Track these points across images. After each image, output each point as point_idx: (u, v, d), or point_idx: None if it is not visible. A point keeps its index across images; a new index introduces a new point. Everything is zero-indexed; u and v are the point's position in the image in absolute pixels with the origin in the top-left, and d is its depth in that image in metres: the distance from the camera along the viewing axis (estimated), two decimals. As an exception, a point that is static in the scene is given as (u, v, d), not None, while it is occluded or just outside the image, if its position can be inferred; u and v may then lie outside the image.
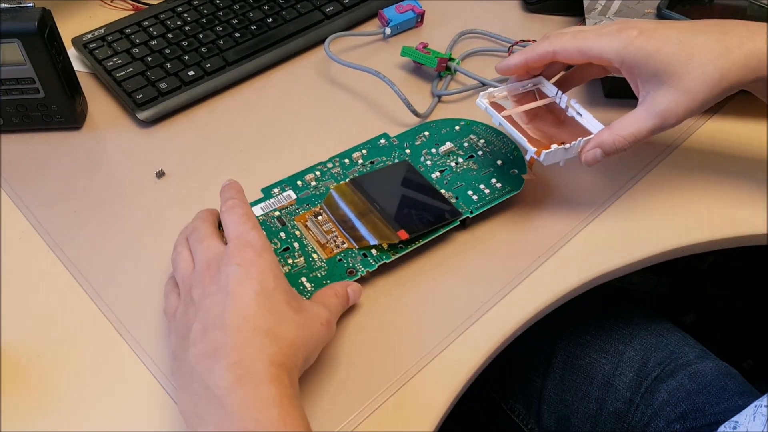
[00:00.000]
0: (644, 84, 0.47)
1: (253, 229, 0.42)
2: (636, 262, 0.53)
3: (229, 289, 0.39)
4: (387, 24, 0.69)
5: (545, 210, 0.55)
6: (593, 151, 0.48)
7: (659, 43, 0.45)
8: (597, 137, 0.48)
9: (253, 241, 0.41)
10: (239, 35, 0.66)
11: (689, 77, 0.45)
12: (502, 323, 0.49)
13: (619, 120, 0.48)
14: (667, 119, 0.46)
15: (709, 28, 0.46)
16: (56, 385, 0.45)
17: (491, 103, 0.52)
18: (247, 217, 0.43)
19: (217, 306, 0.39)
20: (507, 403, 0.65)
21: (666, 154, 0.59)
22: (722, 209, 0.55)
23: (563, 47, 0.48)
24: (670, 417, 0.59)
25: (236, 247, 0.41)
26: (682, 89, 0.45)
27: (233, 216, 0.43)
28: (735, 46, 0.45)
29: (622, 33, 0.46)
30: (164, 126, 0.61)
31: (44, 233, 0.53)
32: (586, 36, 0.48)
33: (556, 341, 0.64)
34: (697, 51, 0.45)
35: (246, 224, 0.42)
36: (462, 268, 0.52)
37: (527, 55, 0.50)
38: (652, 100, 0.46)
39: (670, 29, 0.46)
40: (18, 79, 0.55)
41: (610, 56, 0.47)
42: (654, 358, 0.61)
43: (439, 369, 0.47)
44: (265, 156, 0.59)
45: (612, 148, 0.48)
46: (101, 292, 0.50)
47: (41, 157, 0.58)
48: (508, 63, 0.51)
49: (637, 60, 0.46)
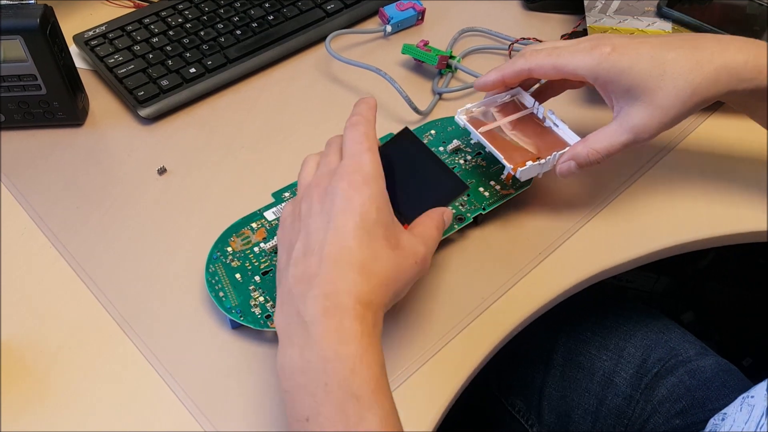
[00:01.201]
0: (618, 99, 0.48)
1: (367, 152, 0.42)
2: (636, 258, 0.53)
3: (332, 215, 0.40)
4: (388, 22, 0.70)
5: (545, 207, 0.55)
6: (567, 164, 0.49)
7: (632, 60, 0.46)
8: (572, 150, 0.49)
9: (364, 165, 0.42)
10: (240, 33, 0.66)
11: (661, 93, 0.46)
12: (503, 320, 0.49)
13: (593, 134, 0.48)
14: (640, 134, 0.47)
15: (680, 44, 0.47)
16: (58, 381, 0.45)
17: (470, 118, 0.53)
18: (366, 137, 0.43)
19: (320, 231, 0.40)
20: (507, 400, 0.65)
21: (665, 151, 0.60)
22: (721, 207, 0.55)
23: (538, 64, 0.49)
24: (669, 413, 0.59)
25: (347, 168, 0.42)
26: (654, 105, 0.46)
27: (353, 133, 0.44)
28: (706, 60, 0.45)
29: (596, 50, 0.47)
30: (166, 123, 0.62)
31: (46, 229, 0.53)
32: (561, 53, 0.48)
33: (557, 338, 0.65)
34: (669, 67, 0.46)
35: (362, 144, 0.43)
36: (463, 265, 0.52)
37: (504, 72, 0.51)
38: (626, 115, 0.47)
39: (642, 45, 0.47)
40: (20, 76, 0.56)
41: (584, 73, 0.48)
42: (654, 355, 0.62)
43: (440, 365, 0.47)
44: (266, 153, 0.59)
45: (585, 161, 0.48)
46: (103, 288, 0.50)
47: (43, 154, 0.59)
48: (485, 80, 0.52)
49: (610, 76, 0.47)
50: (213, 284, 0.48)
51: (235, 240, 0.50)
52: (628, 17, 0.67)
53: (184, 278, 0.50)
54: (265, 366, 0.46)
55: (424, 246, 0.43)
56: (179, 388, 0.45)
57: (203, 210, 0.55)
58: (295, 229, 0.43)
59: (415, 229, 0.44)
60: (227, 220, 0.51)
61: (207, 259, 0.49)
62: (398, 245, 0.41)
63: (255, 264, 0.49)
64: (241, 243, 0.50)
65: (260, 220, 0.52)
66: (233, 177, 0.57)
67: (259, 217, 0.52)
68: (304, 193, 0.44)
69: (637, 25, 0.66)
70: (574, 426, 0.62)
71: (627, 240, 0.54)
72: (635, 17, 0.67)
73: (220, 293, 0.47)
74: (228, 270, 0.49)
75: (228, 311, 0.47)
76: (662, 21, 0.66)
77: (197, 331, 0.48)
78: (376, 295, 0.39)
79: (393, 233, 0.41)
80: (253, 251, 0.50)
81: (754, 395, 0.47)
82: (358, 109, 0.46)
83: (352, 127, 0.44)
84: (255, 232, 0.51)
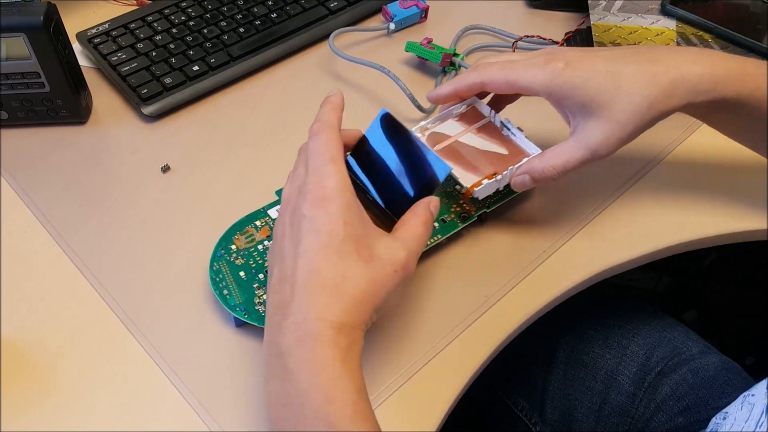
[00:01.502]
0: (574, 115, 0.47)
1: (328, 164, 0.40)
2: (638, 258, 0.53)
3: (299, 238, 0.39)
4: (391, 19, 0.69)
5: (548, 206, 0.55)
6: (522, 177, 0.48)
7: (586, 75, 0.45)
8: (528, 164, 0.48)
9: (325, 179, 0.40)
10: (243, 30, 0.66)
11: (617, 108, 0.45)
12: (507, 318, 0.49)
13: (551, 149, 0.47)
14: (598, 151, 0.46)
15: (636, 57, 0.46)
16: (62, 379, 0.45)
17: (429, 134, 0.52)
18: (327, 146, 0.41)
19: (290, 257, 0.40)
20: (510, 399, 0.65)
21: (669, 150, 0.60)
22: (726, 205, 0.55)
23: (491, 78, 0.48)
24: (673, 411, 0.59)
25: (309, 186, 0.40)
26: (611, 120, 0.45)
27: (313, 144, 0.42)
28: (662, 73, 0.45)
29: (549, 65, 0.46)
30: (169, 121, 0.61)
31: (50, 227, 0.53)
32: (514, 68, 0.47)
33: (559, 337, 0.65)
34: (624, 81, 0.45)
35: (324, 156, 0.41)
36: (466, 264, 0.52)
37: (456, 85, 0.50)
38: (582, 131, 0.46)
39: (596, 60, 0.46)
40: (23, 74, 0.55)
41: (537, 88, 0.47)
42: (657, 353, 0.62)
43: (443, 364, 0.47)
44: (269, 151, 0.59)
45: (541, 176, 0.47)
46: (107, 285, 0.50)
47: (46, 152, 0.58)
48: (438, 92, 0.51)
49: (564, 92, 0.46)
50: (217, 282, 0.48)
51: (239, 238, 0.50)
52: (632, 15, 0.67)
53: (187, 276, 0.50)
54: (269, 364, 0.46)
55: (406, 250, 0.41)
56: (183, 386, 0.45)
57: (207, 208, 0.55)
58: (275, 251, 0.42)
59: (398, 231, 0.42)
60: (231, 218, 0.51)
61: (211, 256, 0.49)
62: (373, 257, 0.40)
63: (259, 262, 0.49)
64: (245, 241, 0.50)
65: (264, 218, 0.51)
66: (237, 175, 0.57)
67: (263, 215, 0.52)
68: (280, 211, 0.43)
69: (641, 22, 0.66)
70: (577, 424, 0.62)
71: (629, 239, 0.54)
72: (639, 15, 0.67)
73: (224, 291, 0.47)
74: (232, 268, 0.49)
75: (232, 309, 0.46)
76: (666, 19, 0.66)
77: (201, 329, 0.48)
78: (349, 316, 0.38)
79: (366, 245, 0.40)
80: (257, 249, 0.50)
81: (754, 393, 0.47)
82: (321, 113, 0.44)
83: (313, 136, 0.42)
84: (259, 230, 0.51)
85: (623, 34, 0.65)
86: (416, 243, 0.42)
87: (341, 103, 0.45)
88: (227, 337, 0.47)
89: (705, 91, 0.45)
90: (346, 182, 0.40)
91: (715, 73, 0.45)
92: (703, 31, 0.65)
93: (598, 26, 0.65)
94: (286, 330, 0.38)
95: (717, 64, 0.45)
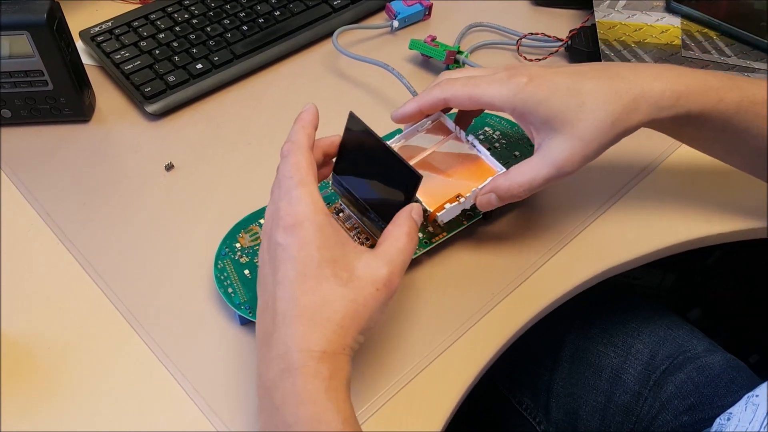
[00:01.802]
0: (538, 131, 0.46)
1: (296, 187, 0.40)
2: (643, 255, 0.53)
3: (276, 267, 0.39)
4: (395, 17, 0.69)
5: (554, 204, 0.55)
6: (488, 196, 0.47)
7: (549, 91, 0.45)
8: (493, 182, 0.47)
9: (295, 205, 0.39)
10: (247, 28, 0.66)
11: (581, 125, 0.44)
12: (512, 317, 0.49)
13: (516, 166, 0.47)
14: (563, 168, 0.45)
15: (596, 74, 0.46)
16: (67, 378, 0.45)
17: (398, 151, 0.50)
18: (296, 169, 0.41)
19: (269, 285, 0.40)
20: (515, 397, 0.65)
21: (675, 147, 0.59)
22: (732, 202, 0.55)
23: (454, 95, 0.47)
24: (678, 409, 0.59)
25: (280, 212, 0.40)
26: (575, 137, 0.45)
27: (283, 167, 0.41)
28: (624, 90, 0.45)
29: (512, 80, 0.46)
30: (173, 119, 0.61)
31: (54, 225, 0.53)
32: (477, 83, 0.47)
33: (564, 335, 0.65)
34: (587, 97, 0.44)
35: (292, 179, 0.40)
36: (471, 262, 0.52)
37: (420, 102, 0.49)
38: (547, 148, 0.46)
39: (558, 75, 0.46)
40: (27, 72, 0.55)
41: (501, 104, 0.46)
42: (662, 351, 0.61)
43: (448, 363, 0.47)
44: (273, 149, 0.58)
45: (507, 195, 0.47)
46: (111, 284, 0.50)
47: (50, 150, 0.58)
48: (403, 112, 0.49)
49: (527, 107, 0.45)
50: (222, 280, 0.48)
51: (243, 236, 0.50)
52: (637, 12, 0.66)
53: (192, 274, 0.50)
54: (274, 362, 0.46)
55: (387, 266, 0.40)
56: (188, 383, 0.45)
57: (211, 206, 0.55)
58: (259, 281, 0.42)
59: (381, 245, 0.41)
60: (235, 216, 0.51)
61: (215, 255, 0.49)
62: (352, 278, 0.39)
63: (263, 260, 0.49)
64: (250, 239, 0.50)
65: (268, 216, 0.51)
66: (241, 173, 0.57)
67: (267, 213, 0.52)
68: (261, 237, 0.43)
69: (646, 20, 0.66)
70: (582, 423, 0.62)
71: (635, 237, 0.53)
72: (644, 12, 0.66)
73: (228, 289, 0.47)
74: (237, 266, 0.48)
75: (237, 307, 0.46)
76: (671, 16, 0.66)
77: (206, 328, 0.48)
78: (331, 343, 0.37)
79: (344, 266, 0.39)
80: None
81: (758, 394, 0.47)
82: (291, 132, 0.43)
83: (283, 159, 0.42)
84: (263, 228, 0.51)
85: (628, 31, 0.65)
86: (400, 256, 0.41)
87: (313, 120, 0.44)
88: (232, 335, 0.47)
89: (667, 106, 0.45)
90: (316, 205, 0.40)
91: (676, 88, 0.45)
92: (708, 28, 0.65)
93: (602, 23, 0.65)
94: (270, 363, 0.38)
95: (678, 79, 0.46)
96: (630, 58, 0.62)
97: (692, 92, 0.45)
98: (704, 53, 0.63)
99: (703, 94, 0.46)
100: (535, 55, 0.67)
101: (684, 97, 0.45)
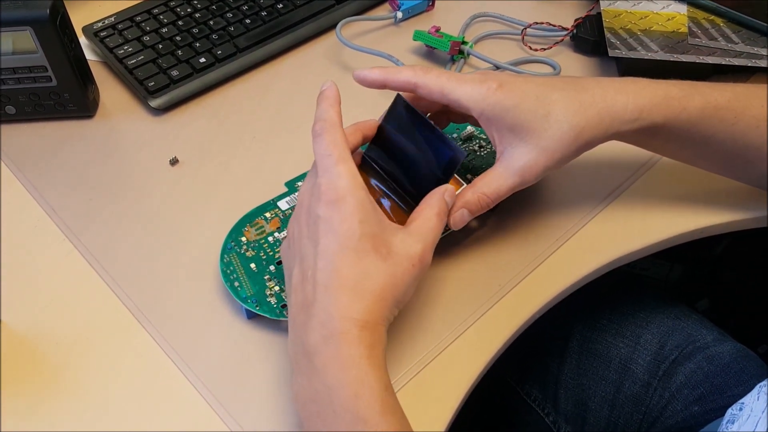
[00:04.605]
0: (501, 138, 0.46)
1: (337, 164, 0.41)
2: (650, 245, 0.53)
3: (317, 239, 0.40)
4: (398, 8, 0.69)
5: (560, 196, 0.55)
6: (460, 212, 0.47)
7: (517, 98, 0.45)
8: (461, 197, 0.47)
9: (336, 180, 0.40)
10: (250, 21, 0.66)
11: (546, 135, 0.45)
12: (520, 308, 0.49)
13: (480, 177, 0.47)
14: (526, 177, 0.46)
15: (564, 85, 0.46)
16: (74, 374, 0.45)
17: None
18: (333, 146, 0.41)
19: (309, 257, 0.41)
20: (523, 389, 0.65)
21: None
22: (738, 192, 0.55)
23: (425, 83, 0.47)
24: (688, 399, 0.58)
25: (321, 188, 0.41)
26: (539, 147, 0.45)
27: (318, 146, 0.42)
28: (588, 104, 0.45)
29: (484, 84, 0.46)
30: (177, 113, 0.61)
31: (59, 221, 0.53)
32: (450, 78, 0.47)
33: (572, 326, 0.64)
34: (553, 108, 0.45)
35: (331, 156, 0.41)
36: (479, 253, 0.51)
37: (388, 75, 0.48)
38: (510, 156, 0.46)
39: (527, 84, 0.46)
40: (30, 68, 0.55)
41: (470, 104, 0.46)
42: (671, 341, 0.61)
43: (457, 354, 0.46)
44: (278, 142, 0.59)
45: (477, 207, 0.47)
46: (118, 279, 0.50)
47: (54, 146, 0.58)
48: (366, 75, 0.48)
49: (495, 113, 0.45)
50: (228, 274, 0.47)
51: (249, 230, 0.50)
52: (643, 0, 0.66)
53: (198, 269, 0.50)
54: (281, 355, 0.46)
55: (421, 243, 0.42)
56: (195, 378, 0.45)
57: (216, 200, 0.55)
58: (293, 253, 0.43)
59: (412, 224, 0.43)
60: (240, 210, 0.51)
61: (221, 249, 0.49)
62: (390, 252, 0.40)
63: (269, 253, 0.49)
64: (255, 233, 0.50)
65: (274, 210, 0.51)
66: (246, 166, 0.57)
67: (272, 207, 0.51)
68: (295, 214, 0.44)
69: (652, 7, 0.65)
70: (591, 414, 0.61)
71: (642, 227, 0.53)
72: (650, 0, 0.66)
73: (235, 283, 0.47)
74: (243, 260, 0.48)
75: (243, 301, 0.46)
76: (677, 3, 0.65)
77: (213, 322, 0.48)
78: (372, 314, 0.39)
79: (383, 241, 0.41)
80: (267, 241, 0.49)
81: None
82: (319, 111, 0.44)
83: (316, 138, 0.42)
84: (269, 222, 0.50)
85: (633, 19, 0.64)
86: (431, 234, 0.43)
87: (337, 96, 0.45)
88: (239, 329, 0.47)
89: (630, 120, 0.46)
90: (357, 181, 0.41)
91: (638, 101, 0.46)
92: (715, 15, 0.64)
93: (608, 12, 0.64)
94: (311, 329, 0.39)
95: (640, 92, 0.46)
96: (636, 47, 0.61)
97: (654, 104, 0.46)
98: (711, 40, 0.62)
99: (665, 105, 0.46)
100: (541, 44, 0.66)
101: (647, 110, 0.46)
